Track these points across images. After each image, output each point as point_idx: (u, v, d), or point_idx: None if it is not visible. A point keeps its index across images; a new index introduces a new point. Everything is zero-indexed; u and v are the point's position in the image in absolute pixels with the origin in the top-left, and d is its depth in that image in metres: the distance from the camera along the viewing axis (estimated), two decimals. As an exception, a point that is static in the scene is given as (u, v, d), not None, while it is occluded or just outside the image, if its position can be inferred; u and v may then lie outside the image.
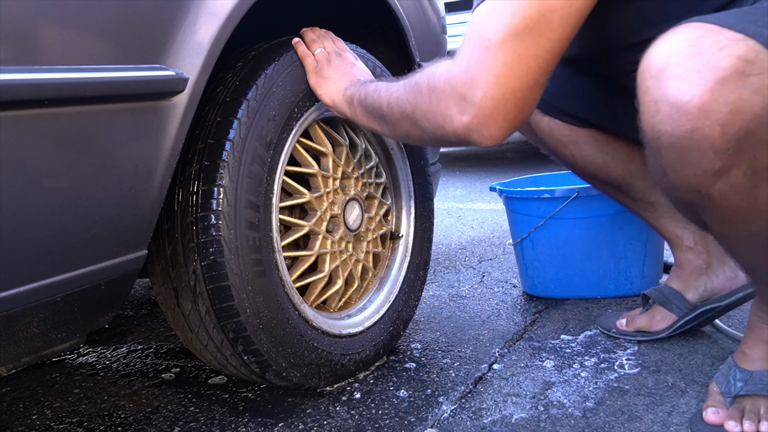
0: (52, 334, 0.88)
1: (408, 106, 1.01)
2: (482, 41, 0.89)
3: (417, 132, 1.03)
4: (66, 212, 0.81)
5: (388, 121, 1.08)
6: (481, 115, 0.91)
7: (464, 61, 0.91)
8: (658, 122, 0.83)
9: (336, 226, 1.28)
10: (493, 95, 0.90)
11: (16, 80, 0.73)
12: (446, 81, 0.93)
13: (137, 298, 2.00)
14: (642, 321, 1.39)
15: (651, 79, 0.84)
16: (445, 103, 0.93)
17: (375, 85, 1.12)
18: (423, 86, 0.98)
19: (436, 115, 0.96)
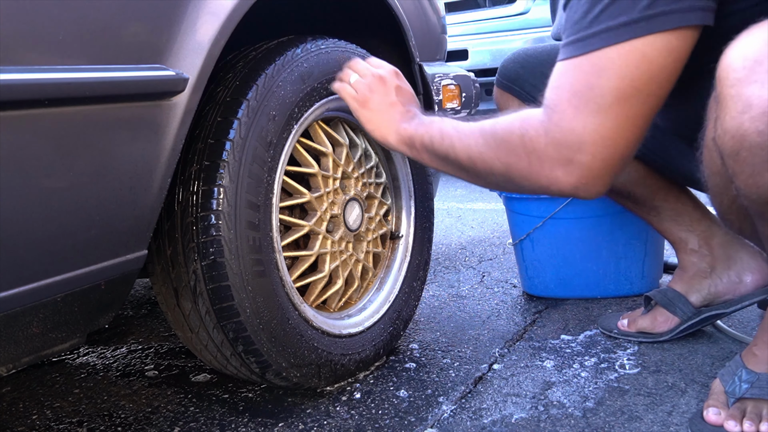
0: (52, 334, 0.87)
1: (499, 165, 0.96)
2: (589, 104, 0.86)
3: (510, 186, 1.00)
4: (66, 212, 0.81)
5: (470, 172, 1.02)
6: (590, 176, 0.89)
7: (568, 123, 0.88)
8: (749, 119, 0.77)
9: (336, 226, 1.28)
10: (602, 158, 0.88)
11: (16, 80, 0.73)
12: (549, 143, 0.89)
13: (137, 298, 2.00)
14: (644, 322, 1.39)
15: (743, 70, 0.78)
16: (549, 165, 0.90)
17: (439, 128, 1.04)
18: (516, 145, 0.92)
19: (539, 176, 0.93)
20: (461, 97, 1.91)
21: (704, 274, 1.34)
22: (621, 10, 0.85)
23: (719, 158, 0.86)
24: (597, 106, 0.86)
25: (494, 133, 0.96)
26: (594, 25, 0.87)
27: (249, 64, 1.12)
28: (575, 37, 0.89)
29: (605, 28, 0.85)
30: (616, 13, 0.85)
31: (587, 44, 0.88)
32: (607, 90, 0.86)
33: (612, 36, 0.85)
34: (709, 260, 1.35)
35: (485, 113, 3.74)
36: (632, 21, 0.84)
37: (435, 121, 1.06)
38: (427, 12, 1.67)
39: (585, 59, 0.88)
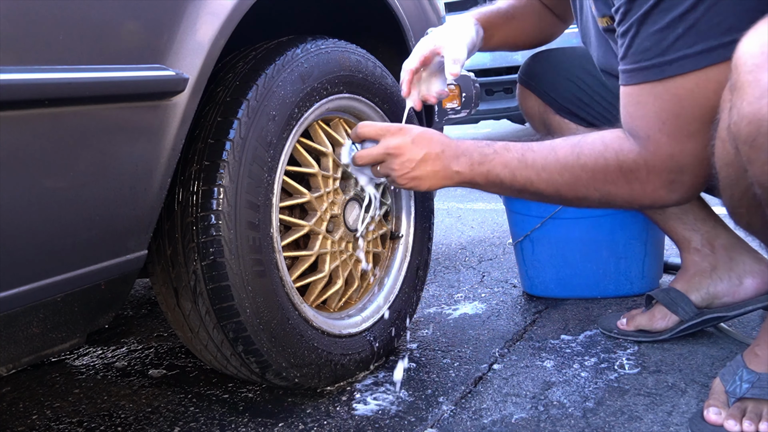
0: (52, 334, 0.87)
1: (596, 193, 1.00)
2: (680, 131, 0.93)
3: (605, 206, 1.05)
4: (66, 212, 0.81)
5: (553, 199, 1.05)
6: (691, 190, 0.98)
7: (665, 150, 0.94)
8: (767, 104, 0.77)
9: (336, 226, 1.28)
10: (701, 173, 0.96)
11: (16, 80, 0.73)
12: (650, 171, 0.96)
13: (137, 298, 2.00)
14: (642, 319, 1.39)
15: (761, 56, 0.79)
16: (652, 188, 0.97)
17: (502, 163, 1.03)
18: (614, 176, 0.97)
19: (642, 198, 1.00)
20: (461, 97, 1.91)
21: (705, 274, 1.34)
22: (697, 37, 0.89)
23: (733, 147, 0.86)
24: (688, 132, 0.93)
25: (584, 167, 0.99)
26: (670, 52, 0.91)
27: (249, 64, 1.12)
28: (651, 63, 0.93)
29: (681, 56, 0.90)
30: (692, 40, 0.89)
31: (663, 71, 0.92)
32: (693, 117, 0.92)
33: (688, 64, 0.90)
34: (711, 260, 1.35)
35: (485, 113, 3.74)
36: (708, 49, 0.88)
37: (489, 156, 1.04)
38: (427, 12, 1.67)
39: (661, 87, 0.93)
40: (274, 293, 1.10)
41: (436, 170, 1.03)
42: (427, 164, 1.02)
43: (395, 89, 1.39)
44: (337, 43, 1.26)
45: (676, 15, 0.89)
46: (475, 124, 5.87)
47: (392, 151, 1.02)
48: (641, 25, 0.93)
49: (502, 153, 1.03)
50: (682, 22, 0.89)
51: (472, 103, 1.98)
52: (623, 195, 0.99)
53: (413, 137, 1.03)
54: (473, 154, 1.04)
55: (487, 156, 1.03)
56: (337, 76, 1.22)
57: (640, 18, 0.93)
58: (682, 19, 0.89)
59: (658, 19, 0.91)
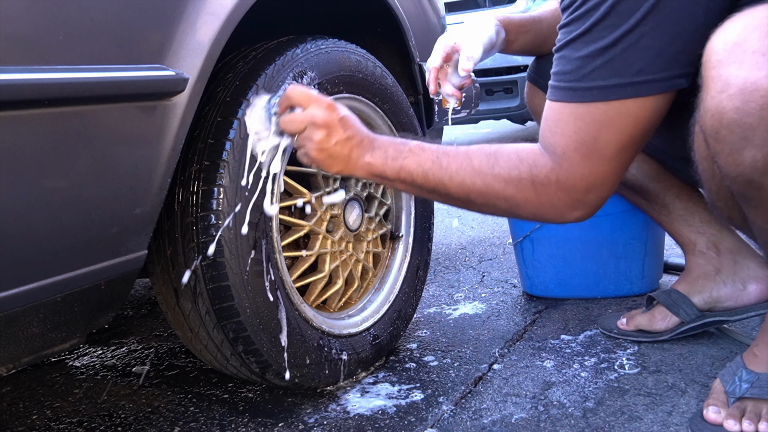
0: (52, 334, 0.87)
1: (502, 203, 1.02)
2: (595, 154, 0.97)
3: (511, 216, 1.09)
4: (66, 212, 0.81)
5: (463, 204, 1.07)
6: (592, 210, 1.02)
7: (578, 170, 0.98)
8: (727, 97, 0.81)
9: (336, 226, 1.28)
10: (605, 196, 1.01)
11: (16, 80, 0.73)
12: (560, 189, 0.99)
13: (137, 298, 2.00)
14: (642, 320, 1.39)
15: (724, 52, 0.82)
16: (558, 204, 1.01)
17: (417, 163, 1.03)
18: (525, 188, 1.00)
19: (546, 214, 1.03)
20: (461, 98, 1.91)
21: (709, 277, 1.34)
22: (612, 72, 0.93)
23: (704, 141, 0.89)
24: (602, 156, 0.97)
25: (497, 176, 1.01)
26: (587, 80, 0.95)
27: (249, 64, 1.12)
28: (570, 86, 0.98)
29: (597, 86, 0.95)
30: (607, 74, 0.93)
31: (580, 96, 0.96)
32: (610, 143, 0.96)
33: (601, 94, 0.95)
34: (716, 264, 1.34)
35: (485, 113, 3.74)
36: (620, 85, 0.93)
37: (405, 153, 1.05)
38: (427, 12, 1.67)
39: (583, 109, 0.96)
40: (274, 293, 1.10)
41: (350, 156, 1.03)
42: (345, 147, 1.03)
43: (395, 89, 1.39)
44: (337, 43, 1.26)
45: (597, 48, 0.94)
46: (475, 124, 5.87)
47: (319, 123, 1.02)
48: (567, 49, 0.98)
49: (417, 152, 1.04)
50: (602, 55, 0.93)
51: (472, 103, 1.98)
52: (530, 208, 1.02)
53: (340, 117, 1.03)
54: (388, 149, 1.05)
55: (402, 153, 1.04)
56: (337, 76, 1.22)
57: (568, 42, 0.97)
58: (602, 53, 0.93)
59: (582, 47, 0.95)
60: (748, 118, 0.80)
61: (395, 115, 1.39)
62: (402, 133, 1.41)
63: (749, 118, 0.80)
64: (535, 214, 1.03)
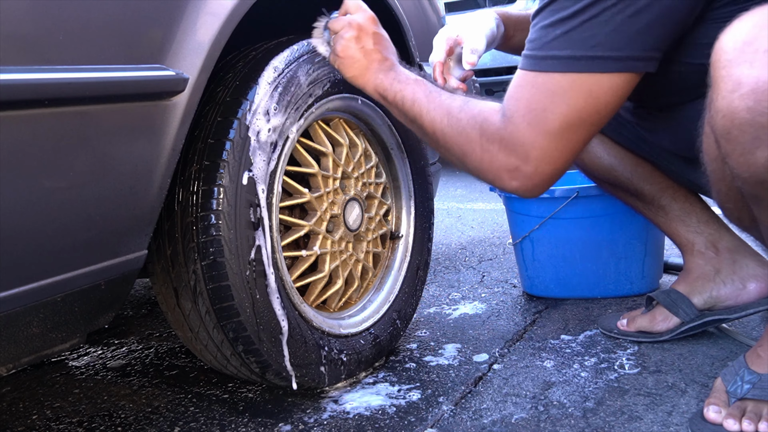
0: (52, 334, 0.87)
1: (456, 149, 1.05)
2: (540, 124, 0.95)
3: (462, 167, 1.09)
4: (66, 212, 0.81)
5: (432, 142, 1.10)
6: (529, 185, 1.00)
7: (520, 135, 0.97)
8: (738, 97, 0.80)
9: (336, 226, 1.28)
10: (543, 171, 0.98)
11: (16, 80, 0.73)
12: (501, 148, 0.99)
13: (137, 298, 2.00)
14: (643, 321, 1.39)
15: (734, 51, 0.81)
16: (497, 165, 1.00)
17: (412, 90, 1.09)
18: (473, 138, 1.02)
19: (487, 171, 1.03)
20: (461, 97, 1.90)
21: (708, 277, 1.34)
22: (568, 43, 0.93)
23: (714, 142, 0.88)
24: (546, 128, 0.95)
25: (458, 120, 1.03)
26: (545, 49, 0.96)
27: (249, 64, 1.12)
28: (531, 53, 0.98)
29: (552, 56, 0.94)
30: (563, 45, 0.93)
31: (537, 64, 0.97)
32: (558, 115, 0.95)
33: (557, 65, 0.94)
34: (715, 263, 1.34)
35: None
36: (574, 57, 0.93)
37: (410, 81, 1.10)
38: (427, 12, 1.67)
39: (540, 78, 0.96)
40: (274, 293, 1.10)
41: (369, 68, 1.10)
42: (366, 57, 1.09)
43: (395, 89, 1.39)
44: (337, 43, 1.25)
45: (559, 18, 0.94)
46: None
47: (354, 24, 1.11)
48: (537, 17, 0.98)
49: (418, 84, 1.09)
50: (561, 25, 0.94)
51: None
52: (474, 161, 1.03)
53: (375, 31, 1.12)
54: (400, 75, 1.10)
55: (407, 81, 1.10)
56: (337, 76, 1.22)
57: (538, 11, 0.98)
58: (562, 23, 0.94)
59: (547, 16, 0.96)
60: (761, 117, 0.79)
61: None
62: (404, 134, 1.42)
63: (762, 117, 0.79)
64: (477, 168, 1.04)
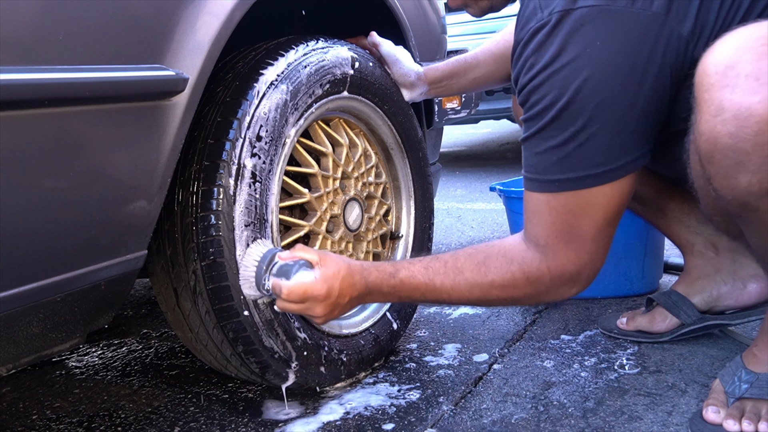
0: (52, 334, 0.87)
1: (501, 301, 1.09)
2: (575, 240, 1.01)
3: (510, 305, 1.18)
4: (66, 212, 0.81)
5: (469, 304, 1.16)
6: (586, 283, 1.06)
7: (564, 257, 1.02)
8: (720, 122, 0.81)
9: (336, 226, 1.28)
10: (595, 269, 1.05)
11: (16, 80, 0.73)
12: (553, 277, 1.04)
13: (137, 298, 2.00)
14: (642, 321, 1.39)
15: (716, 75, 0.81)
16: (554, 291, 1.06)
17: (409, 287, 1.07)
18: (522, 285, 1.05)
19: (546, 297, 1.08)
20: (461, 97, 1.91)
21: (708, 277, 1.34)
22: (568, 167, 0.98)
23: (699, 162, 0.89)
24: (582, 240, 1.01)
25: (492, 283, 1.06)
26: (547, 173, 1.00)
27: (249, 64, 1.12)
28: (534, 177, 1.03)
29: (557, 179, 0.99)
30: (564, 169, 0.99)
31: (544, 187, 1.01)
32: (586, 228, 1.01)
33: (563, 186, 0.99)
34: (715, 263, 1.34)
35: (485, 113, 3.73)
36: (578, 177, 0.98)
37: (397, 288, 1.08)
38: (427, 12, 1.67)
39: (554, 200, 1.01)
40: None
41: (352, 307, 1.10)
42: (345, 307, 1.07)
43: (395, 89, 1.39)
44: (337, 43, 1.25)
45: (550, 146, 0.98)
46: (475, 124, 5.87)
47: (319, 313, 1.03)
48: (529, 143, 1.02)
49: (408, 281, 1.08)
50: (555, 152, 0.98)
51: (472, 103, 1.99)
52: (531, 299, 1.08)
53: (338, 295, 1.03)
54: (382, 288, 1.09)
55: (395, 287, 1.09)
56: (337, 77, 1.22)
57: (527, 137, 1.02)
58: (555, 150, 0.98)
59: (539, 144, 1.00)
60: (743, 143, 0.79)
61: (395, 115, 1.39)
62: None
63: (744, 143, 0.79)
64: (536, 300, 1.10)
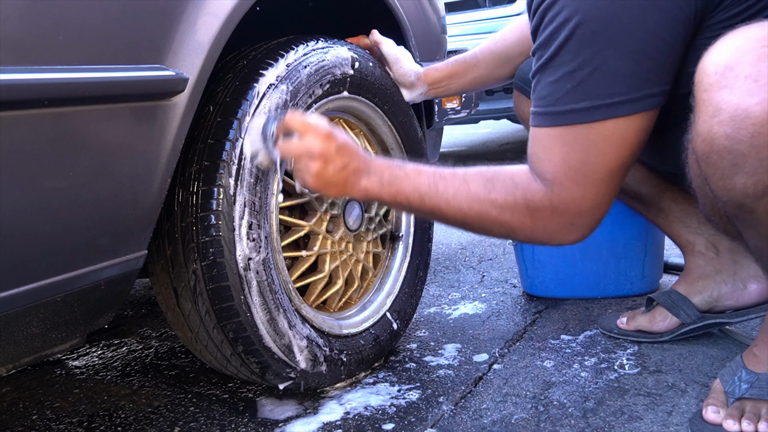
0: (52, 334, 0.88)
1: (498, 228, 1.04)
2: (585, 179, 0.97)
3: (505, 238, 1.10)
4: (66, 212, 0.81)
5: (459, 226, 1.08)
6: (586, 233, 1.04)
7: (569, 194, 0.98)
8: (717, 123, 0.80)
9: (336, 227, 1.28)
10: (597, 218, 1.02)
11: (16, 80, 0.73)
12: (553, 213, 1.00)
13: (137, 298, 2.00)
14: (642, 320, 1.39)
15: (715, 75, 0.81)
16: (553, 228, 1.02)
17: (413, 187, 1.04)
18: (520, 212, 1.01)
19: (542, 236, 1.04)
20: (461, 98, 1.91)
21: (709, 277, 1.34)
22: (584, 95, 0.94)
23: (696, 162, 0.89)
24: (591, 180, 0.97)
25: (493, 202, 1.02)
26: (560, 104, 0.96)
27: (249, 64, 1.12)
28: (546, 110, 0.98)
29: (571, 109, 0.95)
30: (579, 97, 0.94)
31: (557, 119, 0.97)
32: (599, 167, 0.97)
33: (578, 117, 0.95)
34: (716, 264, 1.34)
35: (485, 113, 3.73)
36: (594, 107, 0.93)
37: (400, 177, 1.05)
38: (427, 12, 1.67)
39: (566, 134, 0.97)
40: (274, 293, 1.10)
41: (347, 182, 1.04)
42: (341, 174, 1.03)
43: (395, 89, 1.39)
44: (337, 43, 1.25)
45: (565, 72, 0.95)
46: (475, 124, 5.86)
47: (316, 154, 1.01)
48: (541, 74, 0.99)
49: (413, 176, 1.05)
50: (570, 79, 0.94)
51: (472, 103, 1.98)
52: (526, 232, 1.03)
53: (338, 146, 1.02)
54: (384, 174, 1.05)
55: (397, 177, 1.05)
56: (337, 77, 1.22)
57: (540, 67, 0.99)
58: (570, 76, 0.94)
59: (553, 72, 0.96)
60: (739, 145, 0.79)
61: (395, 115, 1.39)
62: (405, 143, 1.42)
63: (740, 145, 0.79)
64: (530, 237, 1.05)
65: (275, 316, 1.10)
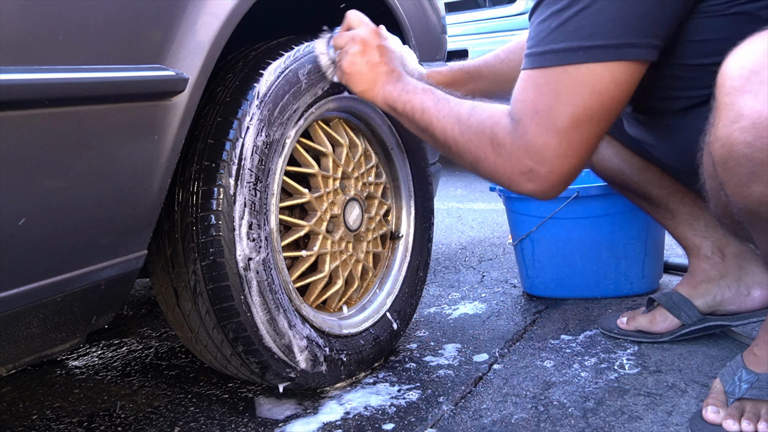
0: (52, 334, 0.88)
1: (468, 154, 1.05)
2: (549, 124, 0.95)
3: (476, 173, 1.08)
4: (66, 212, 0.81)
5: (444, 149, 1.10)
6: (546, 186, 0.99)
7: (531, 137, 0.96)
8: (738, 129, 0.79)
9: (336, 226, 1.28)
10: (558, 172, 0.97)
11: (16, 80, 0.73)
12: (513, 151, 0.98)
13: (137, 298, 2.00)
14: (643, 321, 1.39)
15: (739, 79, 0.80)
16: (512, 169, 0.99)
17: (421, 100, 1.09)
18: (485, 144, 1.01)
19: (502, 175, 1.02)
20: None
21: (712, 281, 1.33)
22: (564, 35, 0.92)
23: (712, 164, 0.87)
24: (555, 127, 0.94)
25: (469, 126, 1.03)
26: (542, 44, 0.95)
27: (249, 64, 1.12)
28: (529, 51, 0.98)
29: (550, 50, 0.94)
30: (560, 37, 0.92)
31: (536, 61, 0.96)
32: (565, 114, 0.94)
33: (554, 58, 0.93)
34: (720, 268, 1.34)
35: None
36: (571, 48, 0.91)
37: (418, 91, 1.11)
38: (427, 12, 1.67)
39: (542, 77, 0.95)
40: (274, 293, 1.10)
41: (376, 81, 1.10)
42: (373, 70, 1.09)
43: (395, 89, 1.39)
44: (337, 43, 1.25)
45: (553, 11, 0.93)
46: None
47: (358, 39, 1.12)
48: (532, 15, 0.98)
49: (426, 93, 1.09)
50: (556, 17, 0.93)
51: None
52: (488, 166, 1.02)
53: (380, 44, 1.13)
54: (408, 85, 1.11)
55: (415, 90, 1.10)
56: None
57: (533, 9, 0.98)
58: (557, 15, 0.93)
59: (542, 12, 0.96)
60: (759, 153, 0.78)
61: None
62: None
63: (760, 154, 0.78)
64: (492, 173, 1.03)
65: (275, 316, 1.10)
